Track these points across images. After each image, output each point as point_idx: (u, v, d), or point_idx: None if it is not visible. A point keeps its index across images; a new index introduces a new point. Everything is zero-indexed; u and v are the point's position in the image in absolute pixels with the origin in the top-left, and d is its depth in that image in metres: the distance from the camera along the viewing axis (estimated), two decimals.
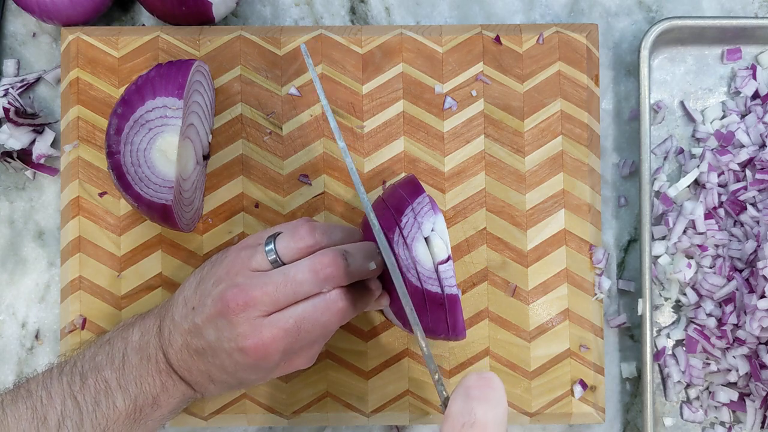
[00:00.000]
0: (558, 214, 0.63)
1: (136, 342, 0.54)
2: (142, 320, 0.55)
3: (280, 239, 0.52)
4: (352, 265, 0.51)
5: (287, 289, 0.50)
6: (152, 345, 0.53)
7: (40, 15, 0.63)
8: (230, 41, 0.64)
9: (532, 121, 0.63)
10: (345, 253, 0.51)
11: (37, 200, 0.66)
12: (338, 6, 0.67)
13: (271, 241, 0.52)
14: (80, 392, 0.52)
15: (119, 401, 0.52)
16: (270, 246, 0.52)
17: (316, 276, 0.50)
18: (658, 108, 0.65)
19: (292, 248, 0.52)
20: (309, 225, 0.52)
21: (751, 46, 0.66)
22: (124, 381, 0.52)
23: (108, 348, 0.54)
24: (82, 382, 0.52)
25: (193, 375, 0.53)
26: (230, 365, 0.52)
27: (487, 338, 0.62)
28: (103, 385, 0.52)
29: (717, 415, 0.63)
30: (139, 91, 0.57)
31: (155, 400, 0.53)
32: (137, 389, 0.52)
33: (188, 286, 0.54)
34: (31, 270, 0.66)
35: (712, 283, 0.61)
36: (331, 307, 0.51)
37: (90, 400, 0.52)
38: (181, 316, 0.53)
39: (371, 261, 0.52)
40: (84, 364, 0.53)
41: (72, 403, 0.52)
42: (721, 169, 0.63)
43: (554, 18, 0.67)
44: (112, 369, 0.53)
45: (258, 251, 0.52)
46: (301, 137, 0.64)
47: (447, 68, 0.64)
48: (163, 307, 0.55)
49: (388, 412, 0.63)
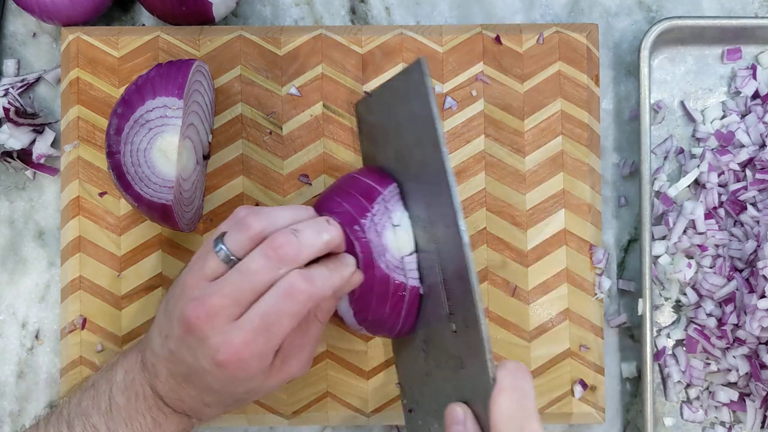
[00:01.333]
0: (558, 214, 0.63)
1: (120, 382, 0.52)
2: (125, 358, 0.53)
3: (227, 236, 0.49)
4: (303, 240, 0.47)
5: (244, 284, 0.47)
6: (138, 381, 0.51)
7: (40, 15, 0.63)
8: (230, 41, 0.64)
9: (532, 121, 0.63)
10: (293, 231, 0.48)
11: (37, 200, 0.66)
12: (338, 6, 0.67)
13: (219, 241, 0.49)
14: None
15: None
16: (219, 246, 0.49)
17: (270, 260, 0.47)
18: (658, 108, 0.65)
19: (242, 240, 0.48)
20: (253, 211, 0.49)
21: (751, 46, 0.66)
22: (113, 424, 0.50)
23: (93, 392, 0.52)
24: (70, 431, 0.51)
25: (186, 403, 0.51)
26: (215, 383, 0.49)
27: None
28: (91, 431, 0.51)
29: (717, 415, 0.63)
30: (139, 91, 0.57)
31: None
32: (128, 430, 0.51)
33: (159, 314, 0.52)
34: (31, 270, 0.66)
35: (712, 283, 0.61)
36: (293, 292, 0.47)
37: None
38: (158, 346, 0.51)
39: (323, 233, 0.49)
40: (70, 412, 0.52)
41: None
42: (721, 169, 0.63)
43: (554, 18, 0.67)
44: (99, 414, 0.51)
45: (208, 257, 0.49)
46: (301, 137, 0.64)
47: (447, 68, 0.64)
48: (143, 341, 0.53)
49: (388, 412, 0.63)
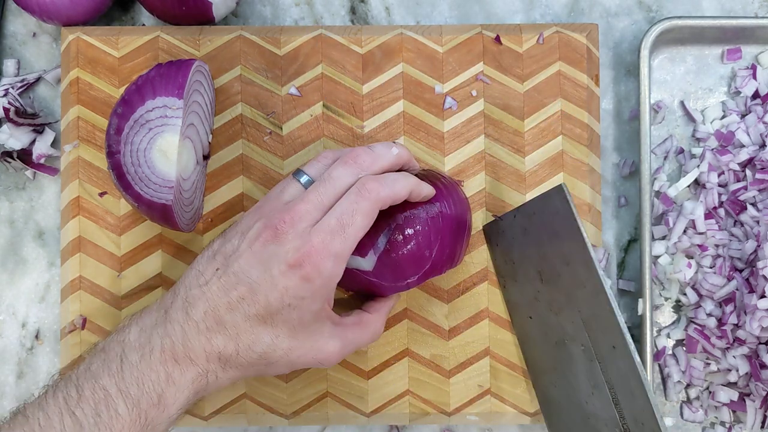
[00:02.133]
0: None
1: (134, 341, 0.51)
2: (140, 318, 0.53)
3: (308, 167, 0.54)
4: (377, 151, 0.54)
5: (327, 189, 0.52)
6: (156, 335, 0.51)
7: (40, 15, 0.63)
8: (230, 41, 0.64)
9: (532, 121, 0.63)
10: (368, 147, 0.54)
11: (37, 200, 0.66)
12: (338, 6, 0.67)
13: (300, 171, 0.54)
14: (78, 406, 0.49)
15: (121, 408, 0.49)
16: (301, 174, 0.54)
17: (349, 167, 0.52)
18: (658, 108, 0.65)
19: (321, 168, 0.54)
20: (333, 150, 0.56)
21: (751, 46, 0.66)
22: (124, 385, 0.49)
23: (103, 355, 0.51)
24: (79, 395, 0.49)
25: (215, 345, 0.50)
26: (275, 298, 0.50)
27: (487, 338, 0.62)
28: (102, 393, 0.49)
29: (717, 415, 0.64)
30: (139, 91, 0.57)
31: (160, 399, 0.50)
32: (139, 391, 0.49)
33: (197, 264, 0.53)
34: (31, 270, 0.66)
35: (712, 283, 0.61)
36: (364, 190, 0.51)
37: (90, 412, 0.49)
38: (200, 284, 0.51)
39: (392, 147, 0.55)
40: (79, 376, 0.50)
41: (71, 420, 0.48)
42: (721, 169, 0.63)
43: (554, 18, 0.67)
44: (110, 375, 0.50)
45: (288, 185, 0.54)
46: (301, 137, 0.64)
47: (447, 68, 0.64)
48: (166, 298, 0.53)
49: (388, 412, 0.63)
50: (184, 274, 0.54)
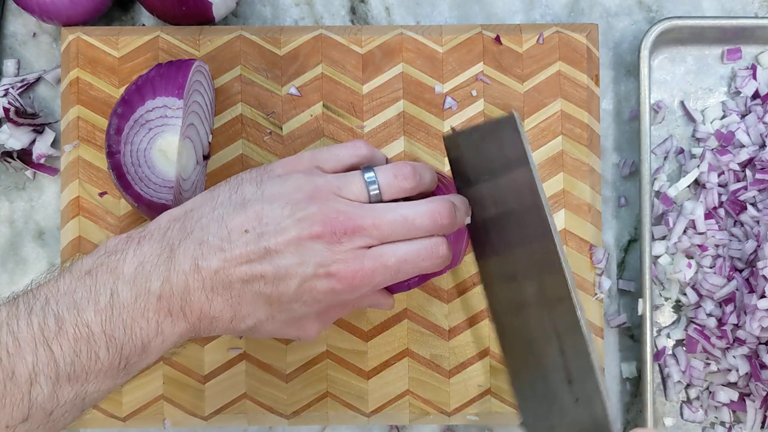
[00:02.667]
0: (558, 214, 0.63)
1: (130, 274, 0.45)
2: (138, 245, 0.46)
3: (381, 173, 0.50)
4: (459, 218, 0.51)
5: (402, 230, 0.48)
6: (155, 276, 0.45)
7: (40, 15, 0.63)
8: (230, 41, 0.64)
9: (533, 121, 0.63)
10: (454, 206, 0.50)
11: (37, 200, 0.66)
12: (338, 6, 0.67)
13: (371, 170, 0.50)
14: (56, 340, 0.43)
15: (102, 351, 0.44)
16: (371, 175, 0.49)
17: (434, 224, 0.49)
18: (658, 108, 0.65)
19: (395, 186, 0.50)
20: (410, 165, 0.50)
21: (751, 46, 0.66)
22: (110, 326, 0.44)
23: (90, 281, 0.45)
24: (58, 327, 0.43)
25: (213, 310, 0.46)
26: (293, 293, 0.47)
27: (487, 338, 0.62)
28: (84, 331, 0.43)
29: (717, 415, 0.63)
30: (139, 91, 0.57)
31: (144, 348, 0.45)
32: (125, 336, 0.44)
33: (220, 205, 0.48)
34: (31, 270, 0.66)
35: (712, 283, 0.61)
36: (434, 254, 0.49)
37: (68, 350, 0.43)
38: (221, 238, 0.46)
39: (468, 216, 0.52)
40: (59, 301, 0.44)
41: (46, 354, 0.43)
42: (721, 169, 0.63)
43: (554, 18, 0.67)
44: (96, 310, 0.44)
45: (352, 181, 0.49)
46: (301, 137, 0.64)
47: (447, 68, 0.64)
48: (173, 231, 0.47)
49: (388, 412, 0.63)
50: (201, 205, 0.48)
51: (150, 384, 0.62)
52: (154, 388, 0.62)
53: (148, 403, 0.62)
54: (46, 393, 0.43)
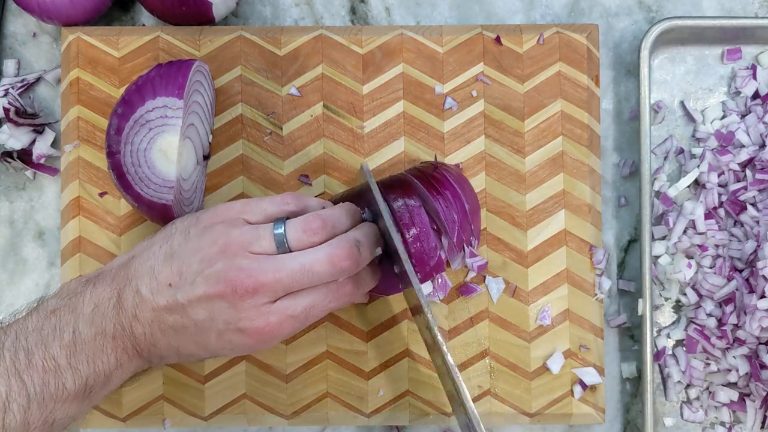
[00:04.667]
0: (558, 214, 0.63)
1: (88, 315, 0.50)
2: (93, 288, 0.51)
3: (291, 228, 0.51)
4: (363, 255, 0.52)
5: (303, 279, 0.50)
6: (108, 319, 0.50)
7: (40, 15, 0.63)
8: (230, 41, 0.64)
9: (533, 122, 0.63)
10: (358, 244, 0.51)
11: (37, 200, 0.66)
12: (338, 6, 0.67)
13: (281, 226, 0.51)
14: (26, 371, 0.48)
15: (69, 382, 0.49)
16: (280, 230, 0.51)
17: (334, 268, 0.50)
18: (658, 108, 0.65)
19: (305, 241, 0.51)
20: (320, 219, 0.51)
21: (751, 46, 0.66)
22: (74, 360, 0.49)
23: (54, 320, 0.50)
24: (28, 360, 0.48)
25: (158, 349, 0.51)
26: (215, 343, 0.51)
27: (487, 338, 0.62)
28: (52, 364, 0.48)
29: (717, 415, 0.64)
30: (140, 91, 0.57)
31: (107, 378, 0.50)
32: (89, 369, 0.49)
33: (153, 255, 0.51)
34: (31, 270, 0.66)
35: (712, 283, 0.61)
36: (341, 295, 0.52)
37: (38, 380, 0.48)
38: (151, 291, 0.50)
39: (378, 247, 0.53)
40: (28, 338, 0.49)
41: (18, 384, 0.47)
42: (721, 169, 0.63)
43: (554, 18, 0.67)
44: (61, 345, 0.49)
45: (262, 236, 0.50)
46: (301, 137, 0.64)
47: (447, 68, 0.64)
48: (121, 275, 0.52)
49: (388, 412, 0.63)
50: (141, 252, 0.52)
51: (150, 384, 0.62)
52: (154, 388, 0.62)
53: (148, 403, 0.62)
54: (19, 420, 0.47)
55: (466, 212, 0.58)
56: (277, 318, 0.50)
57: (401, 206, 0.55)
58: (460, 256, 0.59)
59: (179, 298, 0.50)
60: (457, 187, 0.58)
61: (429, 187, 0.57)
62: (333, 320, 0.63)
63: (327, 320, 0.63)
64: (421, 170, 0.59)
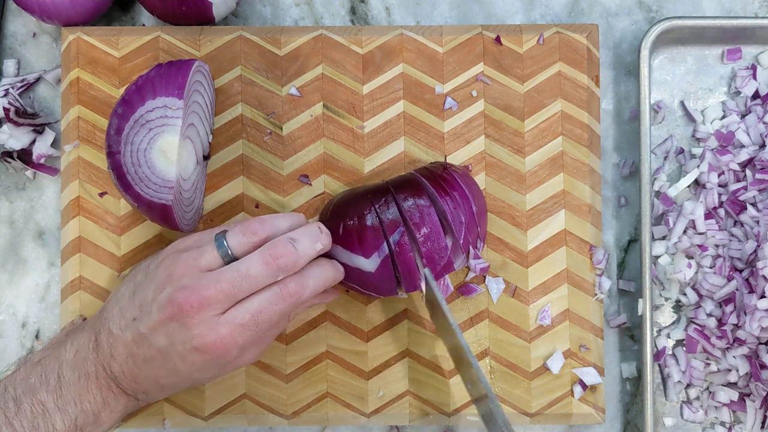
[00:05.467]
0: (558, 214, 0.63)
1: (70, 360, 0.53)
2: (74, 336, 0.55)
3: (231, 236, 0.52)
4: (301, 250, 0.52)
5: (242, 285, 0.51)
6: (89, 361, 0.53)
7: (40, 15, 0.63)
8: (230, 41, 0.64)
9: (533, 122, 0.63)
10: (292, 241, 0.52)
11: (38, 200, 0.66)
12: (338, 6, 0.67)
13: (221, 237, 0.52)
14: (16, 418, 0.50)
15: (58, 423, 0.51)
16: (221, 242, 0.52)
17: (269, 267, 0.51)
18: (658, 108, 0.65)
19: (244, 243, 0.52)
20: (258, 220, 0.53)
21: (751, 46, 0.66)
22: (62, 402, 0.51)
23: (40, 369, 0.53)
24: (17, 408, 0.51)
25: (140, 384, 0.53)
26: (183, 367, 0.52)
27: (487, 338, 0.62)
28: (39, 408, 0.51)
29: (717, 415, 0.64)
30: (140, 91, 0.57)
31: (96, 418, 0.52)
32: (77, 409, 0.52)
33: (121, 296, 0.54)
34: (31, 270, 0.66)
35: (712, 283, 0.61)
36: (285, 295, 0.52)
37: (27, 425, 0.50)
38: (120, 328, 0.52)
39: (317, 242, 0.53)
40: (16, 388, 0.52)
41: (8, 430, 0.50)
42: (721, 169, 0.63)
43: (554, 18, 0.67)
44: (48, 391, 0.51)
45: (206, 250, 0.52)
46: (301, 137, 0.64)
47: (447, 68, 0.64)
48: (97, 321, 0.55)
49: (388, 412, 0.63)
50: (113, 296, 0.55)
51: None
52: None
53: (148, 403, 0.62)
54: None
55: (473, 214, 0.58)
56: (227, 329, 0.50)
57: (411, 206, 0.55)
58: (462, 256, 0.59)
59: (141, 329, 0.51)
60: (465, 188, 0.58)
61: (437, 188, 0.57)
62: (333, 320, 0.63)
63: (327, 320, 0.63)
64: (430, 170, 0.59)
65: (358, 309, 0.63)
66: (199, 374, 0.53)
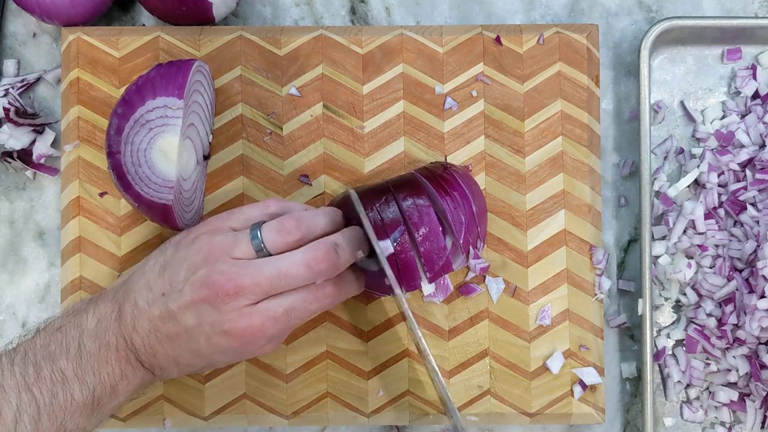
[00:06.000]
0: (558, 214, 0.63)
1: (92, 329, 0.53)
2: (96, 305, 0.54)
3: (266, 231, 0.52)
4: (343, 257, 0.52)
5: (280, 282, 0.51)
6: (111, 332, 0.52)
7: (40, 15, 0.63)
8: (230, 41, 0.64)
9: (533, 122, 0.63)
10: (336, 247, 0.52)
11: (38, 200, 0.66)
12: (338, 6, 0.67)
13: (257, 229, 0.52)
14: (35, 384, 0.50)
15: (77, 393, 0.51)
16: (256, 234, 0.52)
17: (310, 271, 0.51)
18: (658, 108, 0.65)
19: (279, 242, 0.52)
20: (294, 219, 0.53)
21: (751, 46, 0.66)
22: (81, 371, 0.51)
23: (60, 336, 0.52)
24: (37, 374, 0.51)
25: (158, 359, 0.53)
26: (206, 348, 0.52)
27: (487, 338, 0.62)
28: (59, 376, 0.51)
29: (717, 415, 0.64)
30: (140, 91, 0.57)
31: (113, 389, 0.52)
32: (95, 379, 0.51)
33: (149, 270, 0.54)
34: (31, 270, 0.66)
35: (712, 283, 0.61)
36: (321, 297, 0.53)
37: (46, 392, 0.50)
38: (147, 302, 0.52)
39: (359, 250, 0.54)
40: (36, 354, 0.52)
41: (28, 396, 0.50)
42: (721, 169, 0.63)
43: (554, 18, 0.67)
44: (68, 359, 0.51)
45: (241, 240, 0.52)
46: (302, 137, 0.64)
47: (447, 68, 0.64)
48: (121, 292, 0.54)
49: (388, 412, 0.63)
50: (139, 268, 0.55)
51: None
52: (154, 388, 0.62)
53: (148, 403, 0.62)
54: (30, 430, 0.49)
55: (473, 214, 0.58)
56: (259, 319, 0.51)
57: (410, 206, 0.55)
58: (462, 256, 0.59)
59: (170, 306, 0.51)
60: (465, 188, 0.58)
61: (437, 187, 0.57)
62: (333, 320, 0.63)
63: (327, 320, 0.63)
64: (431, 170, 0.59)
65: (358, 309, 0.63)
66: (218, 357, 0.53)
